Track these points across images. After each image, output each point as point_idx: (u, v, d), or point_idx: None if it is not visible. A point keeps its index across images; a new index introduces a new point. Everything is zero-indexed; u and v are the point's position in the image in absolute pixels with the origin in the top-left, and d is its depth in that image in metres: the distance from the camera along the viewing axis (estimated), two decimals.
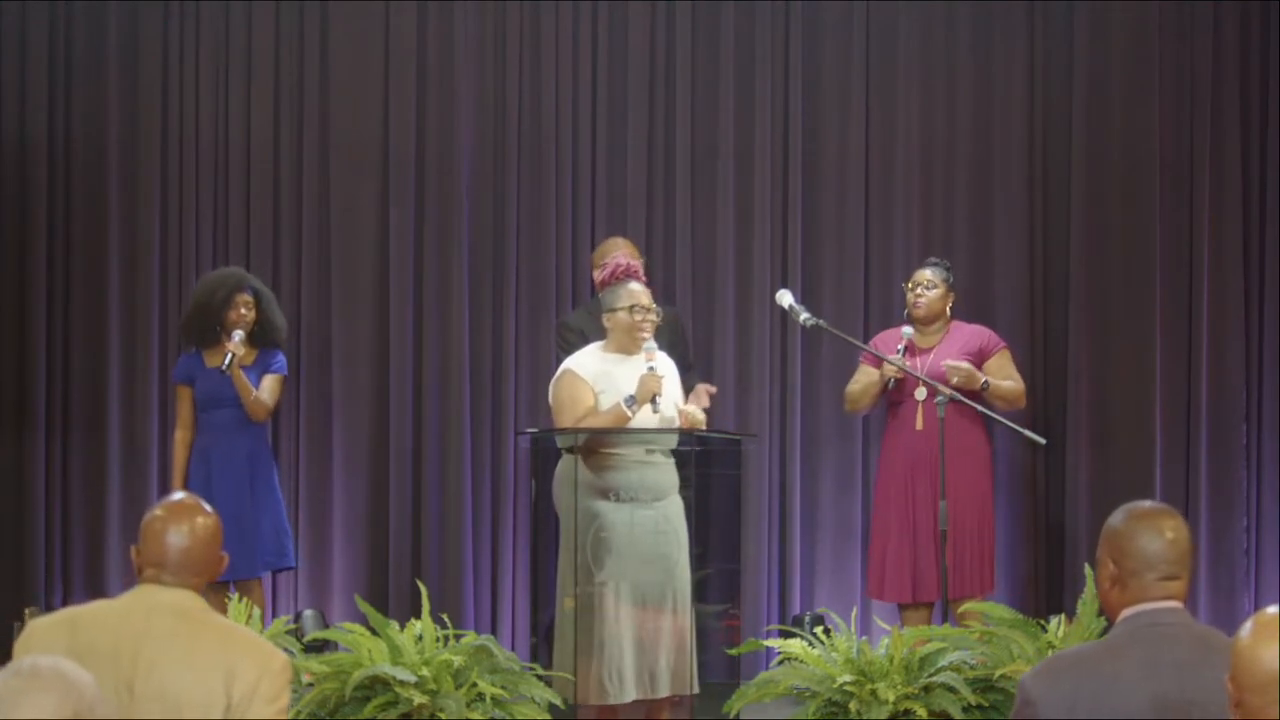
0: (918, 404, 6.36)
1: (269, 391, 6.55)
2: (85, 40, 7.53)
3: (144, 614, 3.05)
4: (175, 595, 3.07)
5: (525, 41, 7.52)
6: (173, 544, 3.10)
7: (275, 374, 6.60)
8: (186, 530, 3.11)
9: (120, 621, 3.04)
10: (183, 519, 3.12)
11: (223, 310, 6.52)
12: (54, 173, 7.51)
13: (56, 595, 7.35)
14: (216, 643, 3.03)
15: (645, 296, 5.74)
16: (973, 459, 6.39)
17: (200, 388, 6.55)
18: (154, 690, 2.96)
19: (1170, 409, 7.17)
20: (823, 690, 5.29)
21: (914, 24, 7.45)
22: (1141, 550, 3.00)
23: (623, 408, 5.59)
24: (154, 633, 3.02)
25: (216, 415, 6.53)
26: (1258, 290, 7.22)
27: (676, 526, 5.62)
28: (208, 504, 3.22)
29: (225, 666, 2.99)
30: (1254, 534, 7.13)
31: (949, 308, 6.56)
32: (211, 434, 6.53)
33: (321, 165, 7.54)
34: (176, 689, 2.97)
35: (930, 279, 6.52)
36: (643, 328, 5.70)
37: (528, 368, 7.45)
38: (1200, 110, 7.23)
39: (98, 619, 3.08)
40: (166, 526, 3.11)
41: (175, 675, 2.98)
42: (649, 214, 7.48)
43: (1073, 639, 5.22)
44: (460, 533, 7.33)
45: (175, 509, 3.15)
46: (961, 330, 6.56)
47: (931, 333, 6.53)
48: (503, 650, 5.47)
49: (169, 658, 2.99)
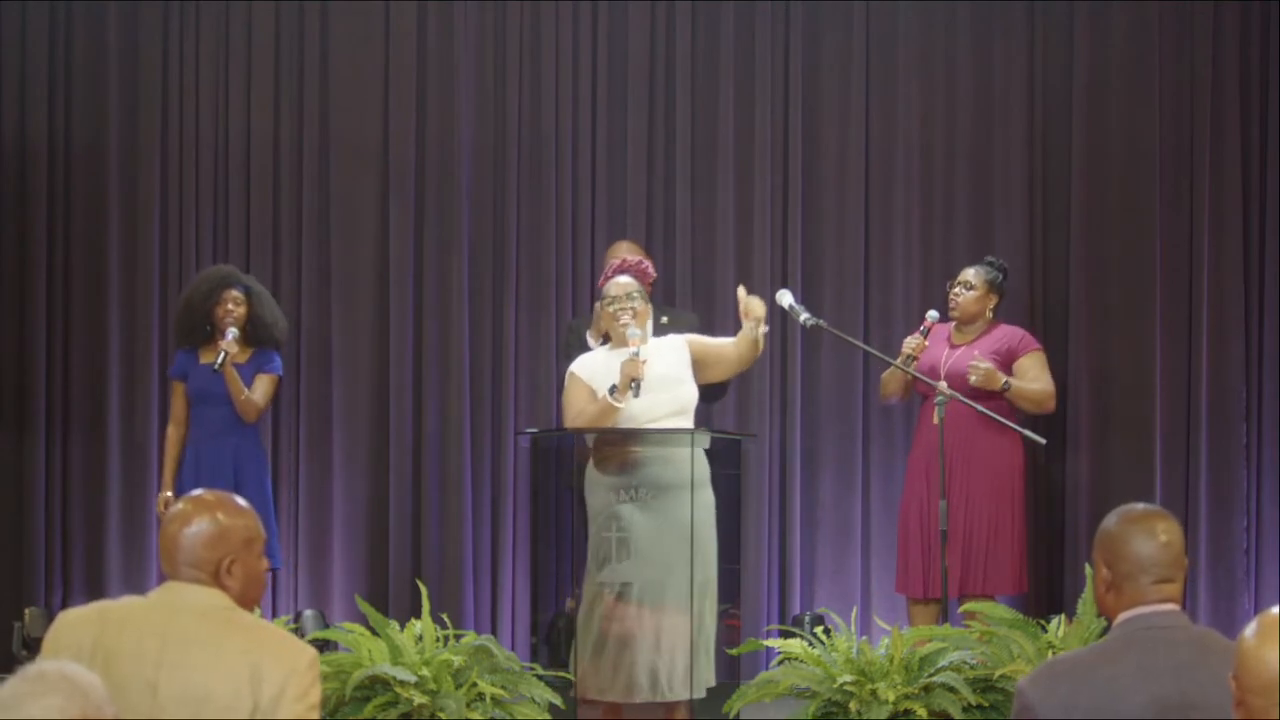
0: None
1: (261, 392, 6.54)
2: (85, 40, 7.53)
3: (169, 612, 3.03)
4: (201, 594, 3.05)
5: (525, 41, 7.52)
6: (176, 540, 3.07)
7: (269, 374, 6.59)
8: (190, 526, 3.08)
9: (145, 619, 3.02)
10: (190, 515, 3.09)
11: (207, 307, 6.52)
12: (54, 173, 7.51)
13: (56, 595, 7.35)
14: (242, 642, 3.00)
15: (626, 287, 5.70)
16: (992, 459, 6.38)
17: (192, 384, 6.55)
18: (178, 690, 2.94)
19: (1170, 409, 7.17)
20: (823, 690, 5.29)
21: (914, 24, 7.45)
22: (1135, 554, 3.00)
23: (608, 399, 5.58)
24: (178, 632, 3.00)
25: (207, 412, 6.53)
26: (1258, 290, 7.22)
27: (684, 525, 5.58)
28: (240, 499, 3.17)
29: (251, 666, 2.96)
30: (1254, 534, 7.13)
31: (991, 309, 6.55)
32: (202, 430, 6.54)
33: (321, 165, 7.54)
34: (201, 689, 2.95)
35: (969, 280, 6.53)
36: (618, 316, 5.68)
37: (528, 368, 7.45)
38: (1200, 110, 7.23)
39: (126, 615, 3.05)
40: (174, 521, 3.09)
41: (199, 675, 2.96)
42: (649, 214, 7.49)
43: (1072, 639, 5.22)
44: (460, 533, 7.33)
45: (189, 504, 3.12)
46: (998, 331, 6.56)
47: (969, 331, 6.54)
48: (503, 650, 5.46)
49: (193, 657, 2.97)
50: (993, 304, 6.57)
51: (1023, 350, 6.51)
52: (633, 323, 5.63)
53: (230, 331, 6.45)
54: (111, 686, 2.53)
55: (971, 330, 6.55)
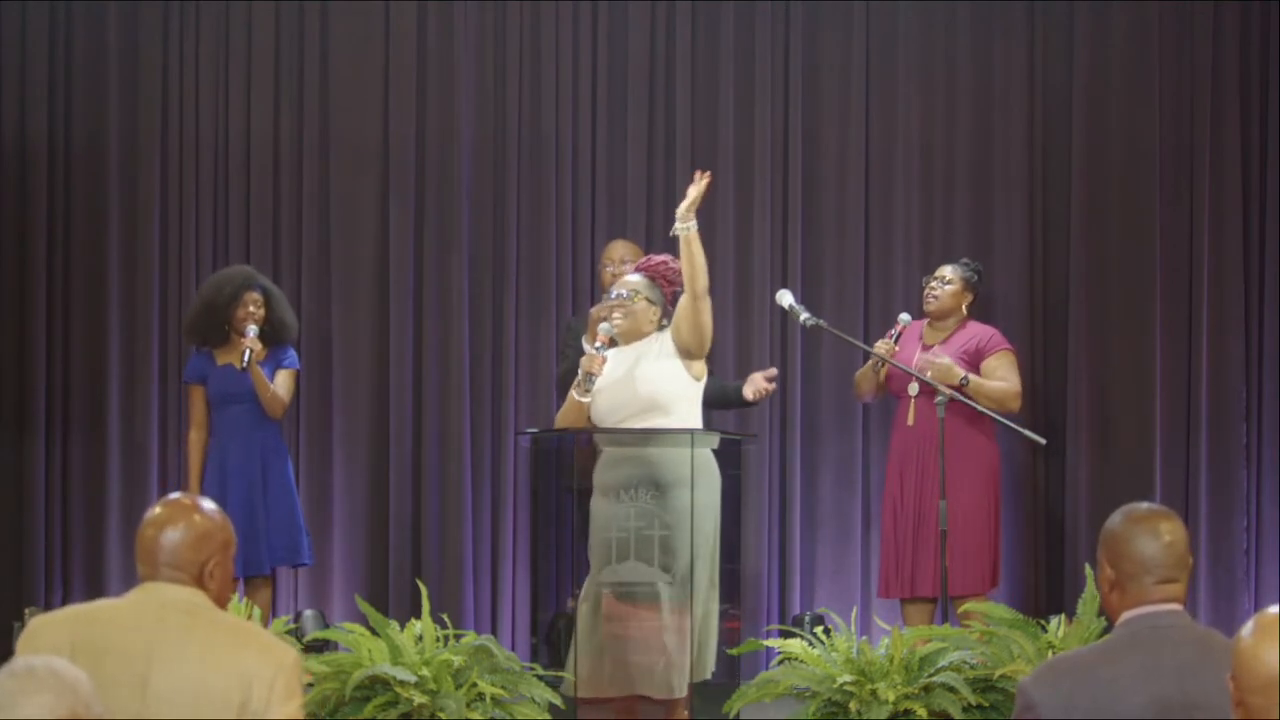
0: (910, 399, 6.38)
1: (284, 387, 6.56)
2: (85, 40, 7.53)
3: (155, 611, 3.02)
4: (183, 592, 3.05)
5: (525, 41, 7.52)
6: (156, 542, 3.07)
7: (288, 369, 6.61)
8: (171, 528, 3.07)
9: (130, 618, 3.02)
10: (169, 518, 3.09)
11: (230, 308, 6.53)
12: (54, 173, 7.51)
13: (56, 595, 7.35)
14: (229, 641, 3.01)
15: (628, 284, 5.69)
16: (973, 458, 6.38)
17: (213, 386, 6.55)
18: (168, 688, 2.94)
19: (1170, 409, 7.17)
20: (823, 690, 5.29)
21: (914, 24, 7.45)
22: (1139, 554, 3.00)
23: (573, 395, 5.60)
24: (167, 630, 2.99)
25: (230, 412, 6.53)
26: (1258, 290, 7.22)
27: (681, 523, 5.58)
28: (211, 503, 3.18)
29: (240, 665, 2.96)
30: (1254, 534, 7.13)
31: (965, 307, 6.56)
32: (226, 431, 6.53)
33: (321, 165, 7.54)
34: (191, 687, 2.94)
35: (947, 275, 6.53)
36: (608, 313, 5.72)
37: (528, 368, 7.45)
38: (1200, 110, 7.23)
39: (105, 616, 3.05)
40: (152, 524, 3.09)
41: (190, 673, 2.95)
42: (649, 214, 7.48)
43: (1073, 639, 5.22)
44: (460, 533, 7.33)
45: (166, 507, 3.12)
46: (969, 329, 6.55)
47: (941, 329, 6.53)
48: (503, 650, 5.46)
49: (183, 655, 2.96)
50: (967, 301, 6.57)
51: (990, 350, 6.48)
52: (612, 322, 5.64)
53: (251, 330, 6.46)
54: (99, 684, 2.52)
55: (944, 329, 6.54)
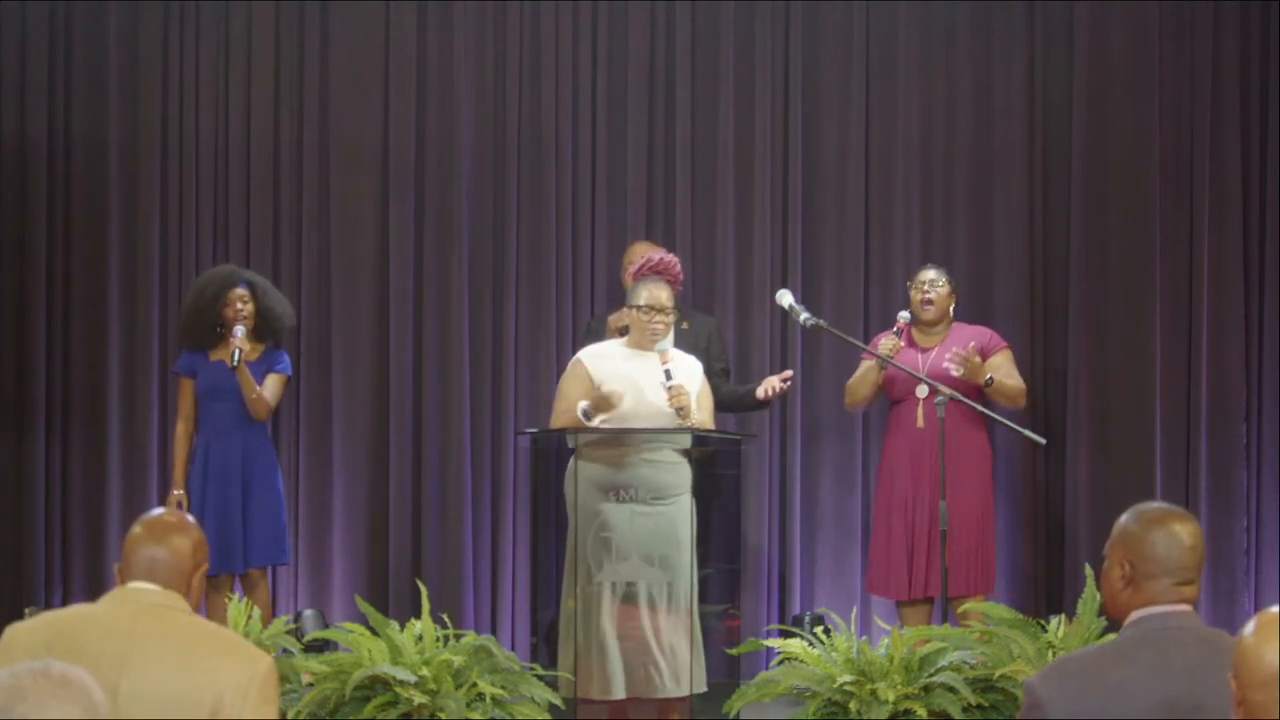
0: (919, 401, 6.37)
1: (271, 391, 6.55)
2: (85, 40, 7.53)
3: (129, 614, 3.03)
4: (162, 596, 3.06)
5: (525, 41, 7.52)
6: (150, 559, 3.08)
7: (279, 374, 6.61)
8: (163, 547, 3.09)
9: (105, 622, 3.02)
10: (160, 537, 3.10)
11: (215, 308, 6.53)
12: (54, 173, 7.51)
13: (56, 595, 7.35)
14: (203, 645, 3.01)
15: (663, 297, 5.69)
16: (973, 458, 6.39)
17: (202, 380, 6.55)
18: (140, 691, 2.93)
19: (1170, 409, 7.17)
20: (823, 690, 5.29)
21: (914, 24, 7.45)
22: (1162, 555, 2.98)
23: (580, 419, 5.60)
24: (140, 633, 2.99)
25: (217, 408, 6.53)
26: (1258, 290, 7.22)
27: (679, 527, 5.60)
28: (190, 516, 3.23)
29: (213, 669, 2.97)
30: (1254, 534, 7.13)
31: (952, 309, 6.58)
32: (212, 427, 6.54)
33: (321, 165, 7.54)
34: (163, 690, 2.94)
35: (936, 279, 6.53)
36: (653, 329, 5.67)
37: (528, 368, 7.45)
38: (1200, 110, 7.23)
39: (80, 621, 3.05)
40: (143, 543, 3.10)
41: (162, 676, 2.95)
42: (649, 214, 7.49)
43: (1072, 639, 5.22)
44: (460, 533, 7.33)
45: (153, 526, 3.14)
46: (963, 331, 6.56)
47: (935, 333, 6.53)
48: (503, 650, 5.47)
49: (156, 658, 2.97)
50: (954, 303, 6.59)
51: (994, 348, 6.51)
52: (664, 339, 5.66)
53: (239, 330, 6.46)
54: None
55: (936, 332, 6.54)
